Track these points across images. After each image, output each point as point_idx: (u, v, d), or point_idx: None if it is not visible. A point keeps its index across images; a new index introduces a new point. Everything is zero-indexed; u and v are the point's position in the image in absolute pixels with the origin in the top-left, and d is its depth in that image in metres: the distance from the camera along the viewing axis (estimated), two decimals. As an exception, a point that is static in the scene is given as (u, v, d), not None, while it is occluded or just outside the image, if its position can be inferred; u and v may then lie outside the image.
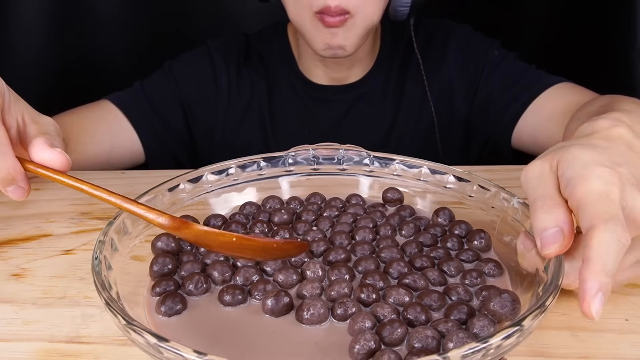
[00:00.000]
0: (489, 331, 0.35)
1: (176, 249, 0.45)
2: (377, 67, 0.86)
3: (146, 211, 0.38)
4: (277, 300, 0.38)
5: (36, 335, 0.40)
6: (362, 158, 0.57)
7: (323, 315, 0.37)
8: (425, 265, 0.43)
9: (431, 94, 0.82)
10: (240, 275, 0.42)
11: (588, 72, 0.88)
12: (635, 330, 0.39)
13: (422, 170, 0.54)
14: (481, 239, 0.46)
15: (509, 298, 0.35)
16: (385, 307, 0.37)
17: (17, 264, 0.49)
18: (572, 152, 0.37)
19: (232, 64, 0.86)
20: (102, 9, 1.07)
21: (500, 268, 0.43)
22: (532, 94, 0.76)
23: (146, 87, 0.84)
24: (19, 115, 0.43)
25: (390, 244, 0.46)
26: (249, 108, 0.86)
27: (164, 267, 0.42)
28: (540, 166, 0.38)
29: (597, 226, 0.32)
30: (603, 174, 0.35)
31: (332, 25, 0.70)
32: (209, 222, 0.50)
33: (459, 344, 0.33)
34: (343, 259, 0.44)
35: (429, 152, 0.84)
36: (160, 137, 0.84)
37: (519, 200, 0.45)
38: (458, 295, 0.39)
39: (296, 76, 0.86)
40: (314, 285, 0.40)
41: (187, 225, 0.38)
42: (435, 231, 0.48)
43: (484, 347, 0.29)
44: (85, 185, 0.39)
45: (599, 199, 0.33)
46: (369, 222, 0.50)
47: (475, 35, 0.85)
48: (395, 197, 0.54)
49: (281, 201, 0.54)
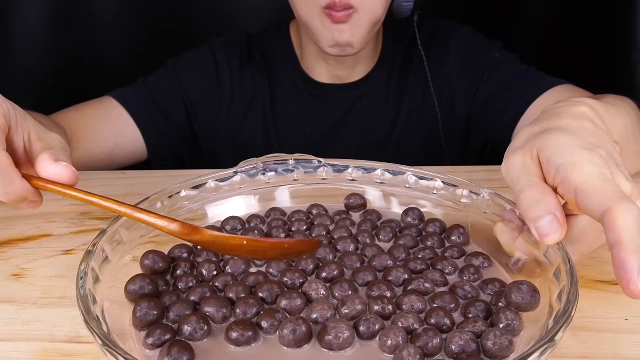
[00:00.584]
0: (517, 323, 0.35)
1: (154, 290, 0.39)
2: (379, 66, 0.86)
3: (157, 219, 0.38)
4: (295, 329, 0.35)
5: (36, 335, 0.40)
6: (315, 167, 0.55)
7: (350, 336, 0.35)
8: (421, 267, 0.43)
9: (433, 94, 0.82)
10: (240, 309, 0.38)
11: (588, 72, 0.88)
12: (635, 329, 0.39)
13: (380, 172, 0.54)
14: (460, 234, 0.47)
15: (528, 288, 0.36)
16: (409, 317, 0.36)
17: (17, 264, 0.49)
18: (551, 137, 0.38)
19: (235, 61, 0.86)
20: (103, 9, 1.08)
21: (489, 260, 0.44)
22: (531, 95, 0.76)
23: (149, 84, 0.84)
24: (25, 134, 0.42)
25: (377, 252, 0.45)
26: (251, 106, 0.86)
27: (148, 314, 0.37)
28: (521, 156, 0.39)
29: (614, 207, 0.32)
30: (591, 157, 0.36)
31: (339, 20, 0.71)
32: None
33: (497, 343, 0.33)
34: (337, 274, 0.42)
35: (430, 152, 0.85)
36: (163, 133, 0.84)
37: (488, 191, 0.47)
38: (465, 292, 0.40)
39: (298, 74, 0.86)
40: (324, 307, 0.38)
41: (197, 230, 0.38)
42: (411, 232, 0.48)
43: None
44: (94, 198, 0.39)
45: (601, 181, 0.34)
46: (344, 231, 0.48)
47: (476, 36, 0.86)
48: (358, 202, 0.53)
49: (242, 221, 0.51)
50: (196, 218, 0.50)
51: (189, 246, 0.46)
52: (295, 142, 0.85)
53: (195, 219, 0.50)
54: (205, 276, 0.42)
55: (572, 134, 0.38)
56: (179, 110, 0.85)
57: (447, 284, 0.41)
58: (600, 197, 0.34)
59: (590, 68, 0.95)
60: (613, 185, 0.34)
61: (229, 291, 0.40)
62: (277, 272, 0.43)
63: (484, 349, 0.34)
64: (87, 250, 0.38)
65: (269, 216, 0.52)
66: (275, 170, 0.55)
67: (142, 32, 1.09)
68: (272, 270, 0.43)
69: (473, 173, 0.52)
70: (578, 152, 0.36)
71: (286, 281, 0.41)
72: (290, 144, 0.84)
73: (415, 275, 0.41)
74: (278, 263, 0.43)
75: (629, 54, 0.84)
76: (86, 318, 0.33)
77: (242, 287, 0.40)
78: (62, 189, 0.39)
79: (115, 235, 0.42)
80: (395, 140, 0.85)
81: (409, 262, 0.43)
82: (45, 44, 1.04)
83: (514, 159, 0.39)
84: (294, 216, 0.52)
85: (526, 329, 0.35)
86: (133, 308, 0.37)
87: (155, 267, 0.42)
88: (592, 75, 0.84)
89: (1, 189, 0.39)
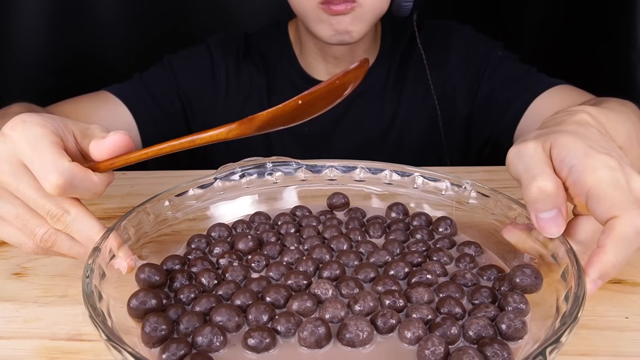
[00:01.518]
0: (523, 303, 0.37)
1: (158, 304, 0.38)
2: (377, 64, 0.85)
3: (215, 130, 0.40)
4: (314, 330, 0.35)
5: (37, 333, 0.40)
6: (294, 168, 0.55)
7: (371, 332, 0.35)
8: (418, 260, 0.44)
9: (433, 92, 0.82)
10: (253, 315, 0.37)
11: (588, 73, 0.88)
12: (635, 327, 0.40)
13: (358, 171, 0.54)
14: (447, 225, 0.49)
15: (532, 271, 0.38)
16: (423, 309, 0.37)
17: (18, 263, 0.49)
18: (565, 137, 0.39)
19: (231, 58, 0.86)
20: (103, 9, 1.08)
21: (480, 248, 0.46)
22: (532, 94, 0.77)
23: (145, 79, 0.84)
24: (72, 137, 0.42)
25: (373, 248, 0.46)
26: (248, 102, 0.85)
27: (158, 329, 0.36)
28: (534, 146, 0.39)
29: (620, 217, 0.34)
30: (606, 160, 0.36)
31: (338, 12, 0.70)
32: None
33: (512, 326, 0.35)
34: (340, 273, 0.42)
35: (429, 150, 0.85)
36: (158, 126, 0.83)
37: (468, 182, 0.49)
38: (466, 281, 0.41)
39: (297, 72, 0.85)
40: (336, 306, 0.38)
41: (254, 119, 0.39)
42: (399, 227, 0.49)
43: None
44: (154, 148, 0.41)
45: (613, 187, 0.35)
46: (335, 230, 0.49)
47: (477, 36, 0.85)
48: (341, 201, 0.54)
49: (228, 227, 0.50)
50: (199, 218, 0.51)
51: (181, 257, 0.45)
52: (293, 139, 0.84)
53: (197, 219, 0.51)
54: (206, 286, 0.41)
55: (584, 137, 0.39)
56: (174, 105, 0.85)
57: (447, 274, 0.43)
58: (609, 204, 0.35)
59: (590, 68, 0.95)
60: (624, 193, 0.35)
61: (236, 299, 0.39)
62: (278, 275, 0.42)
63: (500, 332, 0.35)
64: (95, 248, 0.38)
65: (254, 221, 0.52)
66: (256, 174, 0.54)
67: (142, 32, 1.10)
68: (272, 274, 0.43)
69: (473, 173, 0.53)
70: (592, 154, 0.37)
71: (291, 284, 0.41)
72: (288, 141, 0.83)
73: (417, 268, 0.42)
74: (278, 267, 0.43)
75: (629, 54, 0.85)
76: (92, 314, 0.33)
77: (249, 293, 0.39)
78: (125, 158, 0.41)
79: (123, 234, 0.42)
80: (394, 139, 0.85)
81: (406, 256, 0.44)
82: (45, 43, 1.05)
83: (526, 146, 0.39)
84: (280, 219, 0.51)
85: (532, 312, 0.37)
86: (142, 325, 0.36)
87: (152, 280, 0.41)
88: (592, 76, 0.85)
89: (88, 192, 0.40)
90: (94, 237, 0.40)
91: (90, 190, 0.40)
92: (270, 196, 0.54)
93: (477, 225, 0.48)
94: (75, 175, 0.38)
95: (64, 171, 0.38)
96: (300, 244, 0.47)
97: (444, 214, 0.50)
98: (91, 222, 0.40)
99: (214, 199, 0.52)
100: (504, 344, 0.33)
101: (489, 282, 0.42)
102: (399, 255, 0.45)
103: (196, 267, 0.43)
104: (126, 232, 0.42)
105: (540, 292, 0.38)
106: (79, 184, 0.39)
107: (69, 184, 0.38)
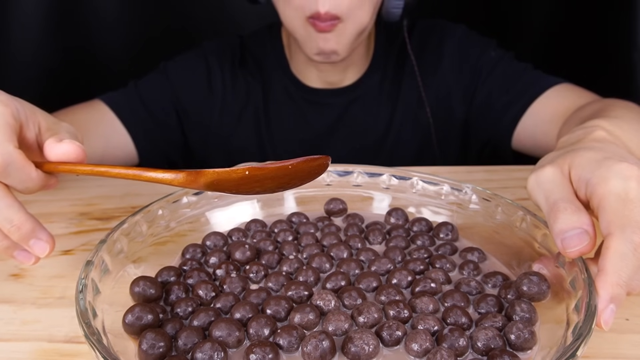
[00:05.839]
0: (531, 312, 0.36)
1: (154, 319, 0.36)
2: (371, 69, 0.83)
3: (163, 173, 0.38)
4: (317, 345, 0.34)
5: (35, 335, 0.40)
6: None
7: (377, 345, 0.34)
8: (421, 268, 0.43)
9: (428, 96, 0.81)
10: (253, 329, 0.36)
11: (588, 72, 0.87)
12: (636, 329, 0.39)
13: (355, 176, 0.53)
14: (448, 231, 0.48)
15: (538, 279, 0.37)
16: (429, 319, 0.36)
17: (16, 264, 0.48)
18: (581, 154, 0.37)
19: (227, 67, 0.85)
20: (102, 9, 1.07)
21: (483, 254, 0.45)
22: (531, 96, 0.75)
23: (140, 88, 0.82)
24: (36, 127, 0.42)
25: (374, 256, 0.44)
26: (244, 111, 0.84)
27: (156, 346, 0.34)
28: (552, 171, 0.38)
29: (614, 234, 0.33)
30: (621, 169, 0.35)
31: (323, 30, 0.69)
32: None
33: (521, 336, 0.34)
34: (345, 284, 0.41)
35: (425, 155, 0.84)
36: (154, 138, 0.82)
37: (469, 186, 0.48)
38: (470, 289, 0.40)
39: (290, 80, 0.84)
40: (340, 318, 0.37)
41: (201, 174, 0.37)
42: (399, 233, 0.48)
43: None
44: (102, 168, 0.39)
45: (618, 201, 0.34)
46: (333, 238, 0.47)
47: (471, 35, 0.84)
48: (339, 207, 0.52)
49: (224, 236, 0.48)
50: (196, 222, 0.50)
51: (177, 268, 0.43)
52: (288, 147, 0.83)
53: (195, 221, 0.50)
54: (204, 298, 0.40)
55: (601, 150, 0.38)
56: (170, 114, 0.84)
57: (451, 281, 0.42)
58: (608, 218, 0.34)
59: (590, 68, 0.93)
60: (628, 207, 0.34)
61: (236, 312, 0.37)
62: (278, 286, 0.41)
63: (509, 343, 0.34)
64: (88, 261, 0.37)
65: (250, 229, 0.50)
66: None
67: (142, 32, 1.09)
68: (271, 285, 0.41)
69: (474, 173, 0.53)
70: (607, 165, 0.36)
71: (292, 295, 0.40)
72: (283, 149, 0.82)
73: (420, 277, 0.41)
74: (277, 277, 0.42)
75: (629, 54, 0.83)
76: (87, 332, 0.32)
77: (249, 306, 0.38)
78: (72, 167, 0.40)
79: (115, 244, 0.41)
80: (390, 144, 0.84)
81: (408, 264, 0.43)
82: (44, 43, 1.04)
83: (545, 172, 0.38)
84: (276, 226, 0.50)
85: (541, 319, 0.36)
86: (138, 342, 0.34)
87: (147, 294, 0.39)
88: (592, 75, 0.84)
89: (21, 184, 0.40)
90: (11, 217, 0.39)
91: (24, 182, 0.40)
92: (265, 203, 0.53)
93: (478, 230, 0.47)
94: (14, 161, 0.38)
95: (4, 154, 0.38)
96: (298, 252, 0.46)
97: (444, 218, 0.50)
98: (9, 201, 0.39)
99: (208, 206, 0.50)
100: (514, 355, 0.32)
101: (494, 289, 0.41)
102: (400, 263, 0.44)
103: (192, 278, 0.42)
104: (119, 244, 0.41)
105: (547, 300, 0.37)
106: (14, 172, 0.39)
107: (4, 167, 0.38)
